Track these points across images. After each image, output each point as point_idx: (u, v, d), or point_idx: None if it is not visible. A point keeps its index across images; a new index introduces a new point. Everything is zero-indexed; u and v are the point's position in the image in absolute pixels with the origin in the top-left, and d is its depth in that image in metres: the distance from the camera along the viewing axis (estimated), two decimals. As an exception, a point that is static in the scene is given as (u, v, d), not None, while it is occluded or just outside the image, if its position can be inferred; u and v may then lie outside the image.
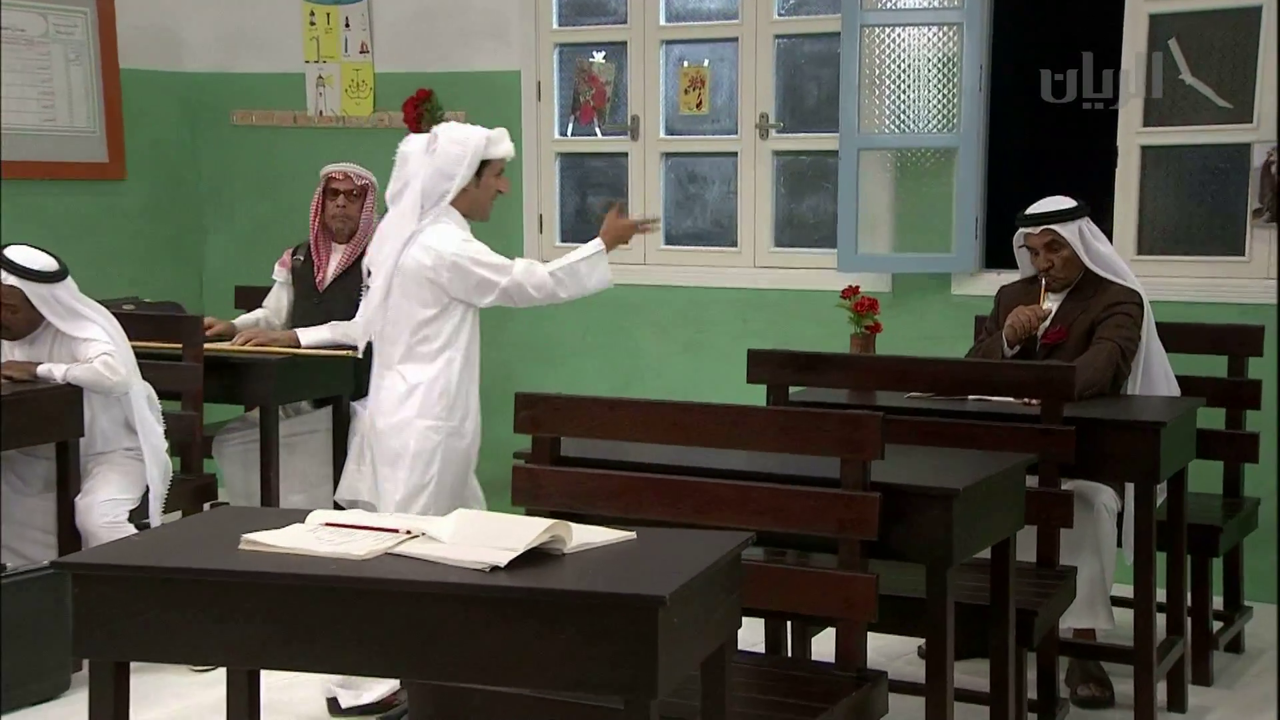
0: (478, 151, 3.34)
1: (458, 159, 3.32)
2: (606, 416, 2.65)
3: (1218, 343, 3.79)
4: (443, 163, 3.31)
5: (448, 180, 3.32)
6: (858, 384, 3.38)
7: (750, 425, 2.54)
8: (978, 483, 2.53)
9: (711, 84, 5.03)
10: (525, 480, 2.69)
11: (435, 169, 3.31)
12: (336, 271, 4.42)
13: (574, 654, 1.87)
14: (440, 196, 3.32)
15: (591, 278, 3.42)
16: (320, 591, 1.97)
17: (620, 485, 2.61)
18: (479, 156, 3.34)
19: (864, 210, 4.70)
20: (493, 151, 3.37)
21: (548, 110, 5.26)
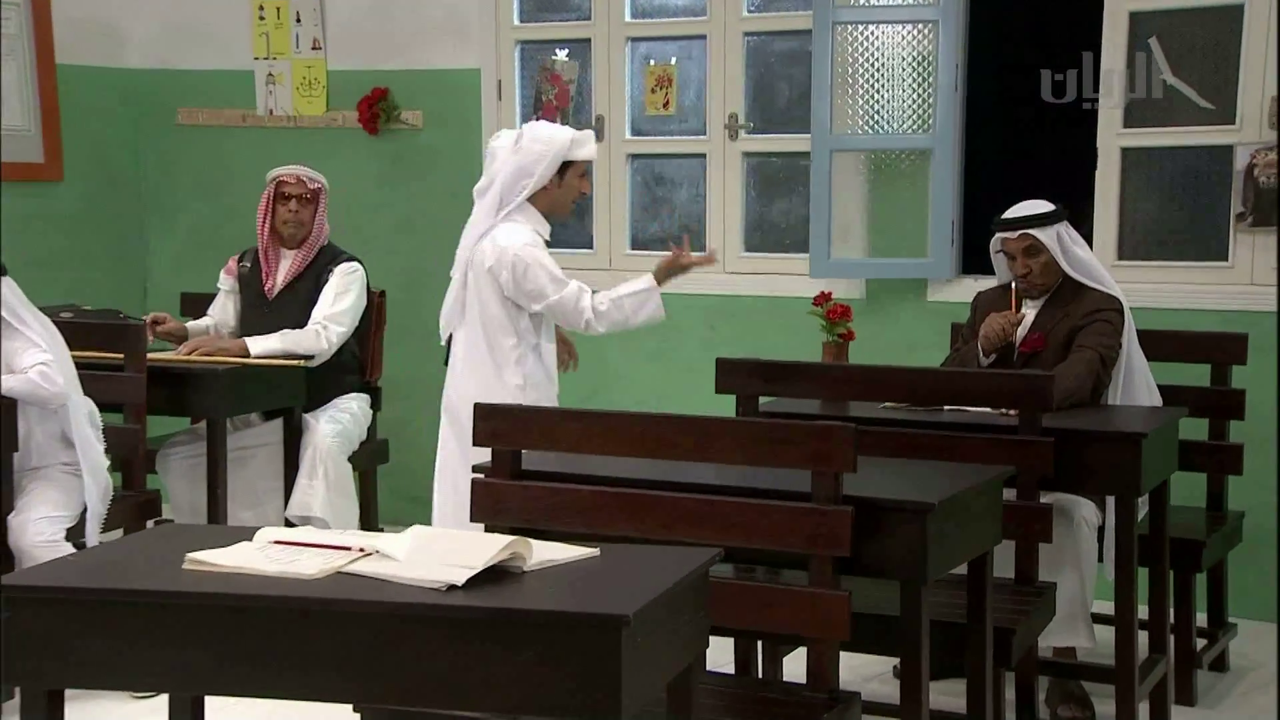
0: (560, 152, 3.55)
1: (539, 157, 3.54)
2: (569, 428, 2.66)
3: (1200, 351, 3.83)
4: (524, 160, 3.54)
5: (527, 177, 3.54)
6: (830, 394, 3.40)
7: (718, 437, 2.55)
8: (953, 496, 2.54)
9: (679, 83, 5.06)
10: (484, 495, 2.69)
11: (517, 166, 3.54)
12: (287, 278, 4.40)
13: (534, 676, 1.88)
14: (518, 192, 3.55)
15: (639, 314, 3.59)
16: (268, 613, 1.96)
17: (583, 500, 2.62)
18: (561, 157, 3.55)
19: (837, 214, 4.73)
20: (576, 153, 3.57)
21: (509, 110, 5.26)
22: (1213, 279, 4.34)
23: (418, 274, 5.41)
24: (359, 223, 5.32)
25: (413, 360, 5.34)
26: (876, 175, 4.81)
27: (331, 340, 4.29)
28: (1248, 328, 3.98)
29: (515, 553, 2.06)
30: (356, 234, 5.11)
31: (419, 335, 5.39)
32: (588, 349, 5.17)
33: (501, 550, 2.04)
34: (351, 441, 4.41)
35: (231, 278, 4.48)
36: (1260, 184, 4.23)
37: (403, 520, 3.70)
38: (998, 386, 3.15)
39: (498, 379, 3.57)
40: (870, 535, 2.46)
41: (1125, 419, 3.38)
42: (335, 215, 4.60)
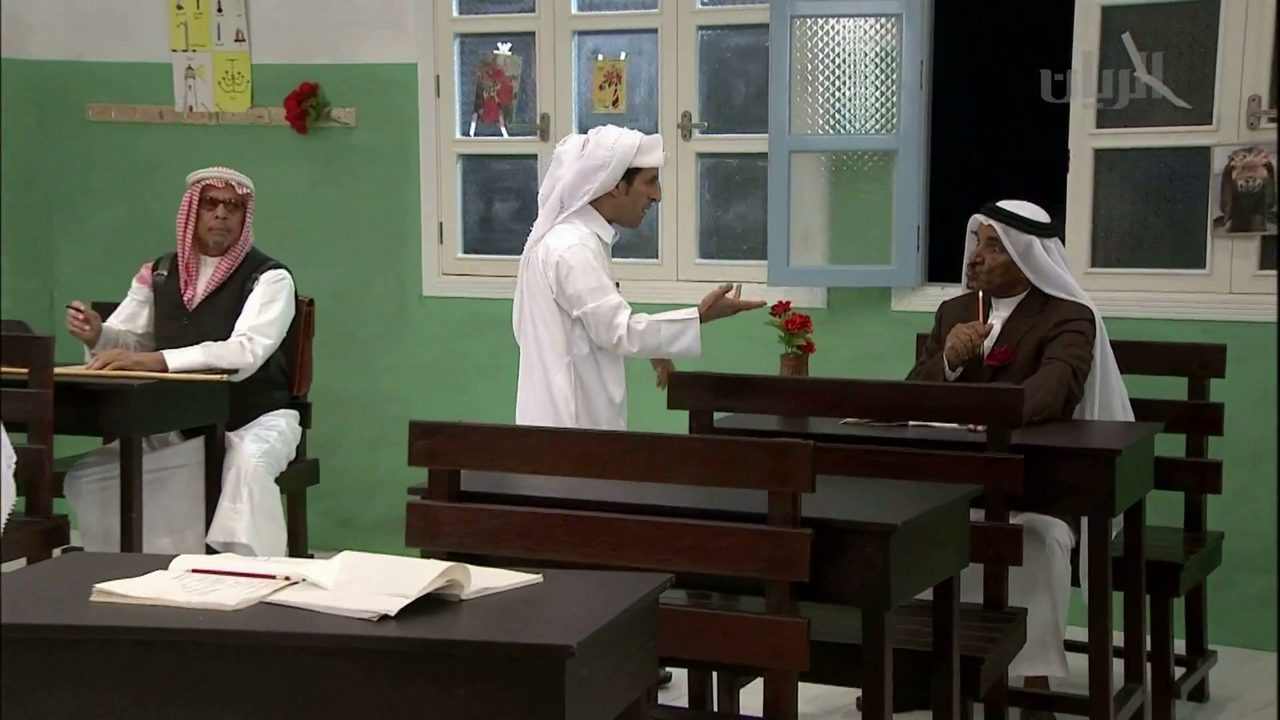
0: (625, 158, 3.72)
1: (602, 164, 3.72)
2: (511, 447, 2.66)
3: (1177, 363, 3.89)
4: (588, 165, 3.73)
5: (588, 182, 3.72)
6: (788, 409, 3.42)
7: (670, 455, 2.55)
8: (918, 517, 2.57)
9: (628, 79, 5.07)
10: (420, 518, 2.68)
11: (580, 170, 3.72)
12: (209, 288, 4.37)
13: (472, 711, 1.87)
14: (580, 197, 3.73)
15: (675, 343, 3.70)
16: (184, 647, 1.94)
17: (526, 523, 2.62)
18: (626, 163, 3.73)
19: (796, 219, 4.76)
20: (642, 160, 3.74)
21: (448, 107, 5.26)
22: (1190, 287, 4.41)
23: (351, 282, 5.39)
24: (287, 227, 5.30)
25: (346, 374, 5.32)
26: (838, 178, 4.84)
27: (257, 353, 4.26)
28: (1226, 338, 4.04)
29: (452, 580, 2.05)
30: (285, 239, 5.09)
31: (352, 347, 5.39)
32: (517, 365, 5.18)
33: (437, 577, 2.03)
34: (279, 461, 4.37)
35: (145, 287, 4.43)
36: (1239, 187, 4.29)
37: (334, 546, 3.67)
38: (964, 401, 3.18)
39: (546, 388, 3.75)
40: (830, 559, 2.48)
41: (1098, 435, 3.41)
42: (262, 220, 4.58)
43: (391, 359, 5.37)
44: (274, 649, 1.93)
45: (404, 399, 5.27)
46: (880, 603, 2.49)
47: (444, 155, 5.29)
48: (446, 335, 5.32)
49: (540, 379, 3.78)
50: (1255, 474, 4.28)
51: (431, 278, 5.33)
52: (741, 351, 4.65)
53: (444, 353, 5.31)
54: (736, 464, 2.49)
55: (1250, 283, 4.33)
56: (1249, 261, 4.33)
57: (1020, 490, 3.07)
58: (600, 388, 3.79)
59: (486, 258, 5.33)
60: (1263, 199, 4.27)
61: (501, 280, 5.24)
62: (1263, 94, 4.28)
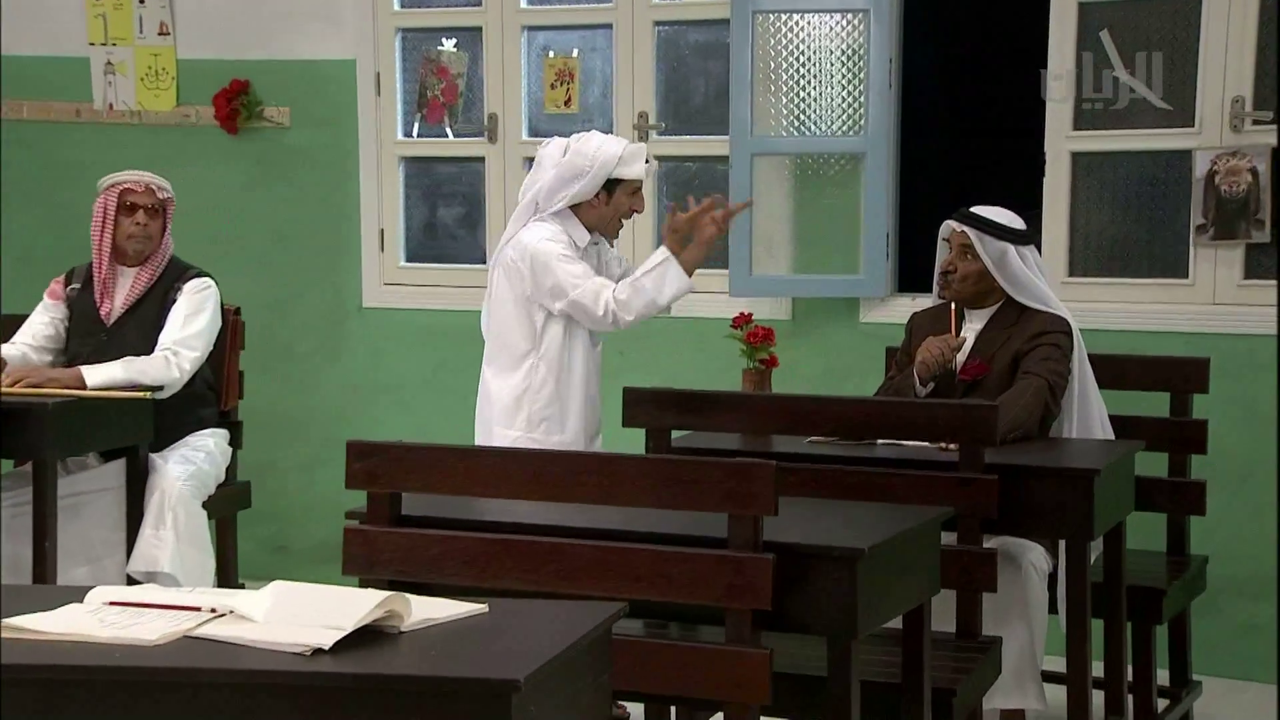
0: (605, 168, 3.75)
1: (580, 172, 3.76)
2: (456, 468, 2.66)
3: (1158, 377, 3.93)
4: (566, 171, 3.76)
5: (566, 188, 3.76)
6: (750, 427, 3.44)
7: (624, 476, 2.56)
8: (887, 541, 2.58)
9: (581, 78, 5.09)
10: (359, 544, 2.67)
11: (559, 176, 3.77)
12: (128, 302, 4.32)
13: (411, 751, 1.86)
14: (556, 201, 3.77)
15: (663, 290, 3.70)
16: (100, 687, 1.92)
17: (471, 549, 2.62)
18: (606, 173, 3.76)
19: (759, 225, 4.79)
20: (623, 171, 3.77)
21: (389, 107, 5.25)
22: (1171, 298, 4.46)
23: (286, 292, 5.37)
24: (217, 235, 5.27)
25: (279, 390, 5.30)
26: (803, 182, 4.87)
27: (184, 368, 4.23)
28: (1210, 351, 4.08)
29: (391, 610, 2.05)
30: (214, 247, 5.07)
31: (287, 362, 5.36)
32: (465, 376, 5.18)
33: (375, 608, 2.03)
34: (206, 484, 4.34)
35: (58, 303, 4.37)
36: (1222, 193, 4.34)
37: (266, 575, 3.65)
38: (936, 418, 3.20)
39: (510, 388, 3.78)
40: (794, 586, 2.49)
41: (1076, 454, 3.45)
42: (190, 227, 4.56)
43: (328, 374, 5.35)
44: (199, 687, 1.91)
45: (342, 417, 5.25)
46: (846, 632, 2.50)
47: (385, 158, 5.28)
48: (388, 349, 5.30)
49: (504, 379, 3.82)
50: (1241, 494, 4.32)
51: (372, 288, 5.31)
52: (701, 366, 4.66)
53: (385, 368, 5.29)
54: (695, 485, 2.49)
55: (1235, 293, 4.38)
56: (1233, 271, 4.38)
57: (994, 512, 3.10)
58: (571, 385, 3.82)
59: (431, 267, 5.32)
60: (1247, 205, 4.32)
61: (447, 290, 5.24)
62: (1246, 95, 4.33)
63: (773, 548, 2.48)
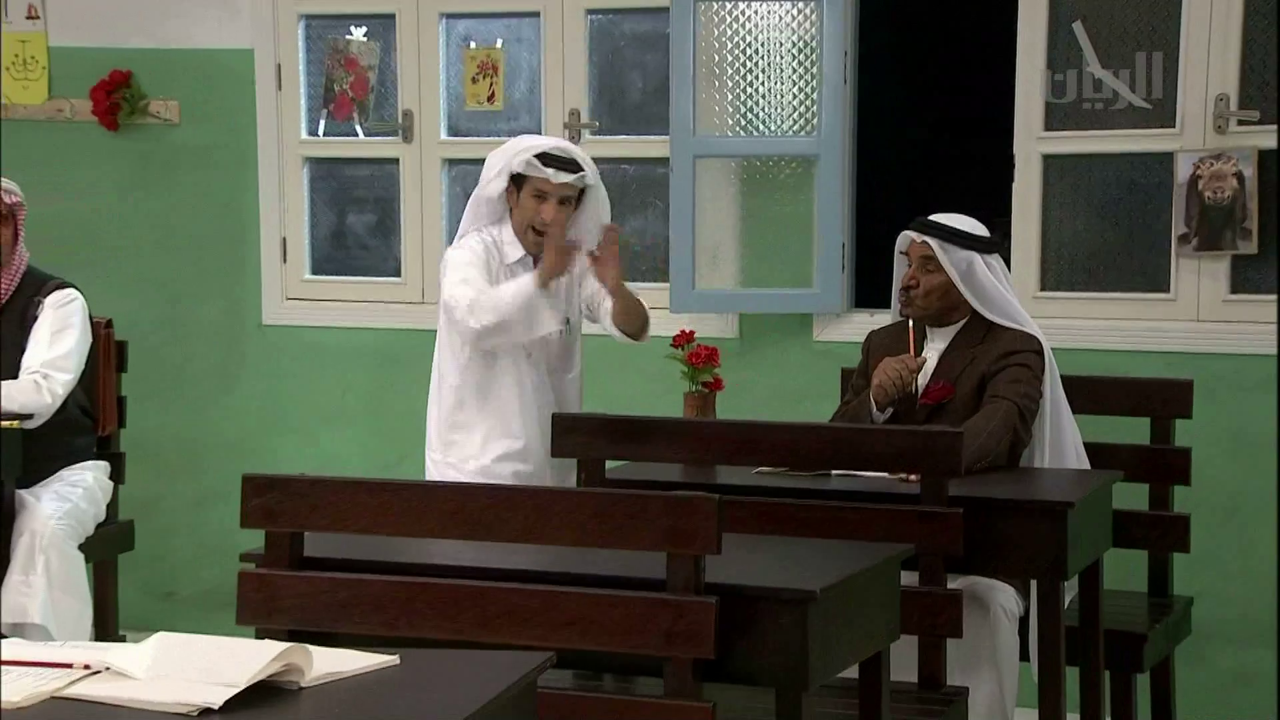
0: (503, 157, 3.74)
1: (488, 166, 3.77)
2: (365, 504, 2.65)
3: (1137, 401, 3.98)
4: (488, 166, 3.78)
5: (484, 188, 3.78)
6: (692, 456, 3.45)
7: (552, 512, 2.56)
8: (841, 582, 2.60)
9: (506, 71, 5.10)
10: (255, 590, 2.66)
11: (483, 176, 3.79)
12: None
13: (313, 820, 1.86)
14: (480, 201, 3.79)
15: (515, 300, 3.64)
16: (-37, 749, 1.90)
17: (382, 593, 2.61)
18: (507, 165, 3.73)
19: (702, 234, 4.81)
20: (525, 168, 3.72)
21: (291, 102, 5.24)
22: (1152, 314, 4.52)
23: (175, 309, 5.33)
24: (95, 244, 5.23)
25: (167, 417, 5.25)
26: (751, 187, 4.90)
27: (56, 392, 4.18)
28: (1193, 372, 4.14)
29: (290, 664, 2.04)
30: (91, 258, 5.03)
31: (176, 386, 5.32)
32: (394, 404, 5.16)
33: (272, 661, 2.01)
34: (84, 524, 4.29)
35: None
36: (1206, 200, 4.40)
37: (152, 625, 3.61)
38: (895, 446, 3.23)
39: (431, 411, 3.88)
40: (739, 632, 2.50)
41: (1048, 485, 3.49)
42: (63, 234, 4.52)
43: (223, 400, 5.31)
44: (72, 750, 1.89)
45: (237, 447, 5.21)
46: (797, 682, 2.51)
47: (287, 158, 5.26)
48: (291, 371, 5.27)
49: (433, 404, 3.90)
50: (1228, 529, 4.38)
51: (273, 303, 5.29)
52: (637, 389, 4.67)
53: (287, 392, 5.26)
54: (630, 521, 2.50)
55: (1220, 309, 4.44)
56: (1219, 284, 4.44)
57: (959, 550, 3.13)
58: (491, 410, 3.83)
59: (339, 280, 5.30)
60: (1233, 213, 4.38)
61: (358, 306, 5.22)
62: (1232, 93, 4.40)
63: (716, 590, 2.48)
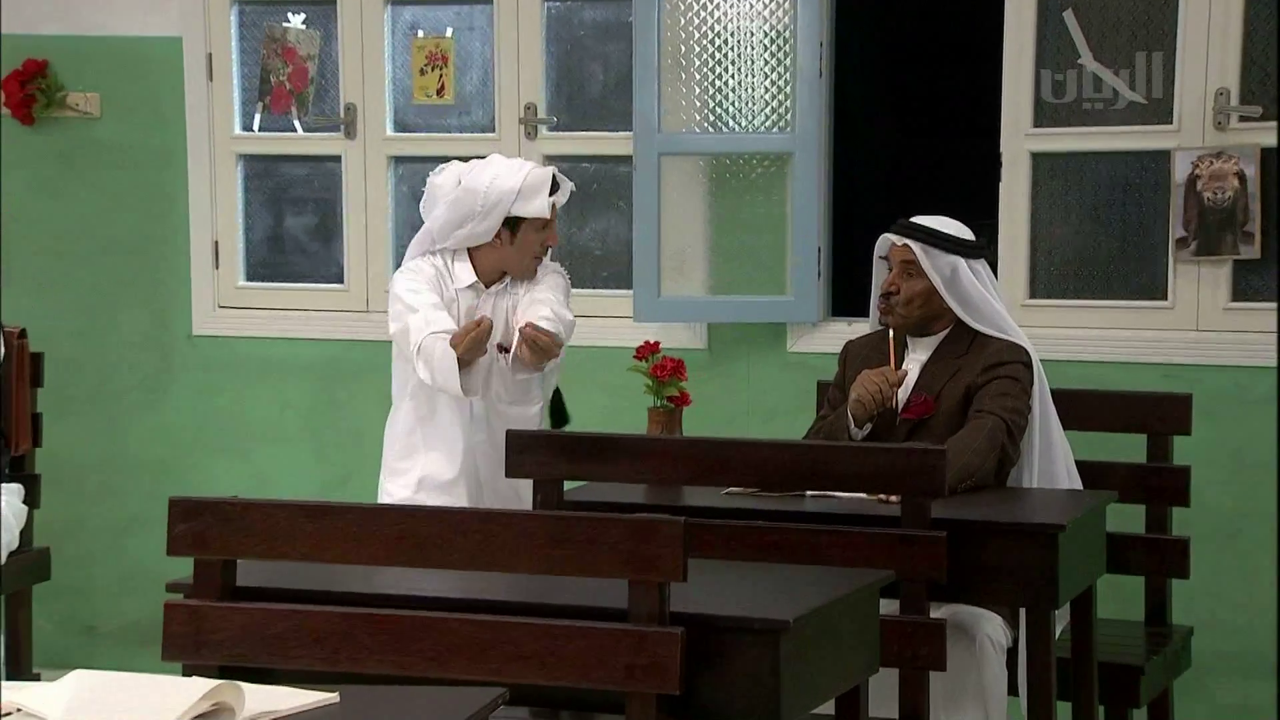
0: (501, 207, 3.87)
1: (471, 213, 3.88)
2: (303, 528, 2.64)
3: (1133, 417, 4.00)
4: (457, 212, 3.89)
5: (459, 228, 3.90)
6: (656, 476, 3.46)
7: (506, 537, 2.57)
8: (816, 611, 2.61)
9: (457, 62, 5.10)
10: (184, 622, 2.65)
11: (449, 215, 3.89)
12: None
13: None
14: (449, 240, 3.92)
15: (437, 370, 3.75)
16: None
17: (321, 625, 2.61)
18: (503, 213, 3.88)
19: (668, 237, 4.82)
20: (523, 209, 3.87)
21: (224, 95, 5.23)
22: (1148, 323, 4.54)
23: (96, 318, 5.31)
24: (9, 246, 5.20)
25: (87, 436, 5.23)
26: (720, 187, 4.91)
27: (-36, 410, 4.16)
28: (1192, 386, 4.17)
29: (221, 703, 2.04)
30: (5, 261, 4.99)
31: (97, 402, 5.30)
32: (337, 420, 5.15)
33: (201, 700, 2.01)
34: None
35: None
36: (1205, 201, 4.43)
37: (70, 662, 3.60)
38: (873, 465, 3.24)
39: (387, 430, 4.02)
40: (707, 665, 2.50)
41: (1038, 506, 3.51)
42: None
43: (149, 417, 5.29)
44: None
45: (164, 468, 5.19)
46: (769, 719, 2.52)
47: (220, 156, 5.25)
48: (223, 385, 5.26)
49: (388, 423, 4.03)
50: (1229, 553, 4.40)
51: (204, 312, 5.27)
52: (598, 404, 4.67)
53: (219, 408, 5.24)
54: (589, 546, 2.51)
55: (1220, 318, 4.47)
56: (1219, 291, 4.47)
57: (943, 576, 3.14)
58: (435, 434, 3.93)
59: (276, 287, 5.29)
60: (1233, 215, 4.41)
61: (296, 315, 5.21)
62: (1232, 87, 4.43)
63: (681, 620, 2.49)
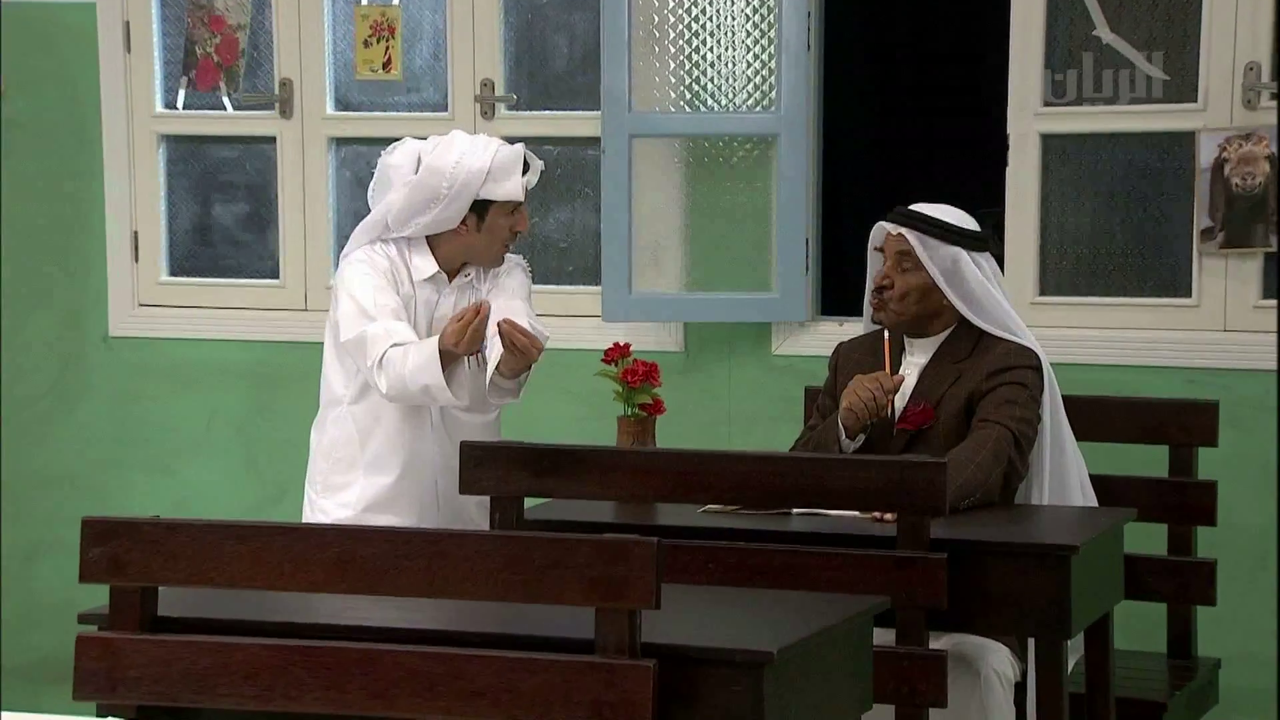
0: (468, 189, 3.83)
1: (436, 195, 3.84)
2: (233, 551, 2.64)
3: (1153, 426, 4.01)
4: (419, 194, 3.86)
5: (420, 213, 3.86)
6: (627, 492, 3.45)
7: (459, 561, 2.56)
8: (803, 641, 2.61)
9: (405, 33, 5.08)
10: (98, 657, 2.64)
11: (409, 198, 3.85)
12: None
13: None
14: (410, 227, 3.88)
15: (417, 377, 3.71)
16: None
17: (254, 660, 2.60)
18: (471, 195, 3.84)
19: (641, 228, 4.81)
20: (493, 191, 3.85)
21: (143, 68, 5.21)
22: (1170, 322, 4.55)
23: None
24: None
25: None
26: (698, 172, 4.91)
27: None
28: (1219, 393, 4.18)
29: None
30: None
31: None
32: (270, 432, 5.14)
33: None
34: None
35: None
36: (1234, 187, 4.43)
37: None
38: (867, 480, 3.24)
39: (315, 439, 3.97)
40: (682, 701, 2.50)
41: (1048, 526, 3.52)
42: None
43: (60, 427, 5.26)
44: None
45: (77, 485, 5.16)
46: (751, 761, 2.53)
47: (139, 136, 5.23)
48: (143, 392, 5.24)
49: (318, 432, 3.97)
50: (1261, 578, 4.40)
51: (122, 310, 5.25)
52: (561, 413, 4.67)
53: (138, 417, 5.22)
54: (551, 570, 2.50)
55: (1250, 317, 4.48)
56: (1248, 288, 4.48)
57: (943, 603, 3.15)
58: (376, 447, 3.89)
59: (203, 282, 5.28)
60: (1264, 204, 4.42)
61: (226, 314, 5.19)
62: (1263, 61, 4.44)
63: (654, 652, 2.49)
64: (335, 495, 3.91)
